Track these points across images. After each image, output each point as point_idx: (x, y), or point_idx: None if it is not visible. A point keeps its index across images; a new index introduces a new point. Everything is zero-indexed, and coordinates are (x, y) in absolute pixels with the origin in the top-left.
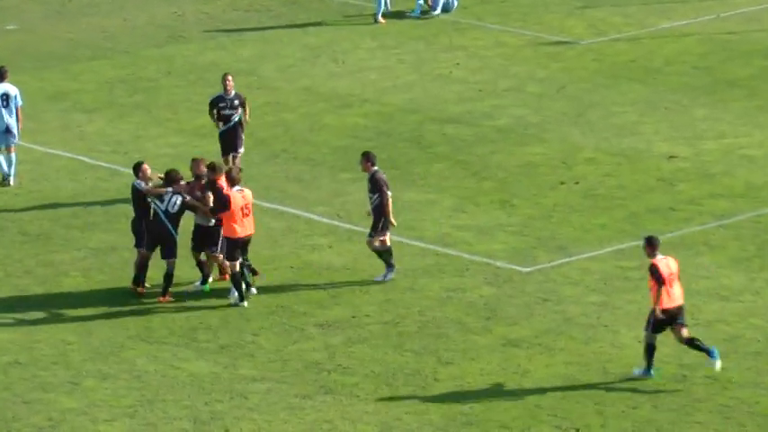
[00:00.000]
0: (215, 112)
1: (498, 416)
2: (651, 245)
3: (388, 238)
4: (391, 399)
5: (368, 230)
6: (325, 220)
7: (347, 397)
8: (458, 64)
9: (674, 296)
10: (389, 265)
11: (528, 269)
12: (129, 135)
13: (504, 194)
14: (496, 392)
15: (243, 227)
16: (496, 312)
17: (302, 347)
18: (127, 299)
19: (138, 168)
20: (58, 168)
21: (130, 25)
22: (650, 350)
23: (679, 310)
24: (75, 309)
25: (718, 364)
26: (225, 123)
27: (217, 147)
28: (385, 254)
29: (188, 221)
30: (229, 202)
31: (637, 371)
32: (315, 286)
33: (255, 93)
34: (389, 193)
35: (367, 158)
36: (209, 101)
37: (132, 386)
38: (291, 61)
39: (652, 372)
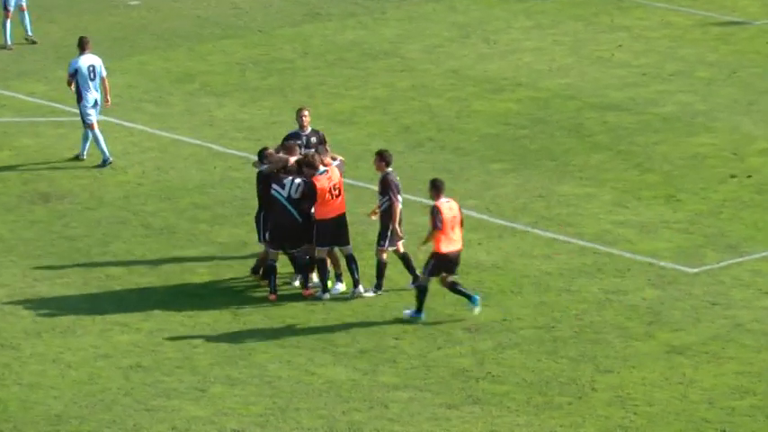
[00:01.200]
0: None
1: (661, 430)
2: (436, 188)
3: (400, 246)
4: (544, 410)
5: (515, 225)
6: (474, 214)
7: (497, 407)
8: (620, 46)
9: (454, 240)
10: (378, 285)
11: (695, 270)
12: (262, 121)
13: (669, 188)
14: (659, 404)
15: (332, 207)
16: (660, 317)
17: (448, 353)
18: (258, 299)
19: (262, 154)
20: (184, 156)
21: (264, 1)
22: (423, 293)
23: (458, 254)
24: (203, 309)
25: (477, 311)
26: None
27: (351, 137)
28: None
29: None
30: (315, 188)
31: (407, 311)
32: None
33: (399, 75)
34: (400, 199)
35: (381, 157)
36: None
37: (263, 393)
38: (438, 41)
39: (422, 314)
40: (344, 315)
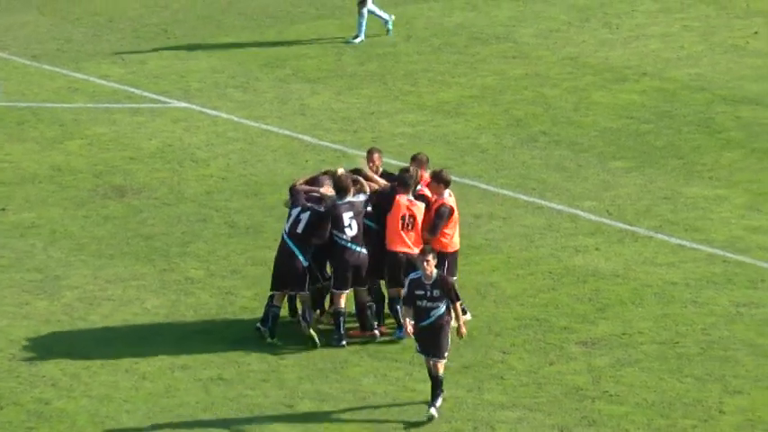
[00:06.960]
0: None
1: None
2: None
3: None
4: None
5: (636, 230)
6: (592, 217)
7: (614, 430)
8: (756, 33)
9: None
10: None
11: None
12: (360, 111)
13: None
14: None
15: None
16: None
17: (561, 369)
18: (351, 307)
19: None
20: (273, 149)
21: None
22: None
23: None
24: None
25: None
26: None
27: (458, 129)
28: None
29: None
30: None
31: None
32: (578, 296)
33: (512, 62)
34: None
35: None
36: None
37: (356, 410)
38: (555, 25)
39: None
40: None
